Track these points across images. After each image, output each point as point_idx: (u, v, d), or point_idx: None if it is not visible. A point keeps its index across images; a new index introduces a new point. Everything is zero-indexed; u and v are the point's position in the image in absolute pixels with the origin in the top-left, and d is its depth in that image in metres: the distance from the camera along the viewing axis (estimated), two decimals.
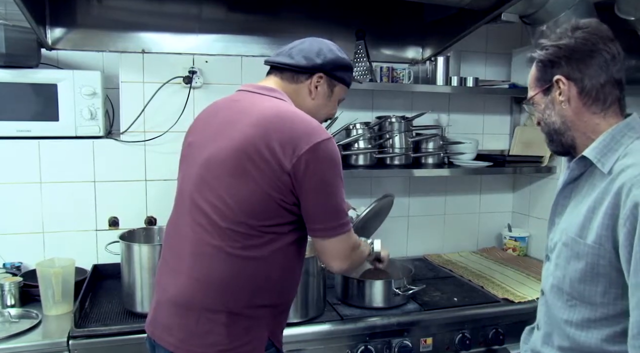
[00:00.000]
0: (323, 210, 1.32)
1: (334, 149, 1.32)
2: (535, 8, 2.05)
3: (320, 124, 1.40)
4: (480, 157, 2.55)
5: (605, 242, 1.13)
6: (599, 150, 1.19)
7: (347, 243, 1.38)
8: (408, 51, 2.58)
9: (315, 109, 1.49)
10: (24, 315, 1.78)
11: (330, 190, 1.31)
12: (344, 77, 1.51)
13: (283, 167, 1.26)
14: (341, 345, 1.79)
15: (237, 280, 1.30)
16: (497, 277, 2.29)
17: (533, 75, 1.29)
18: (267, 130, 1.27)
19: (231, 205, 1.28)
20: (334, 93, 1.52)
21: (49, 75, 2.00)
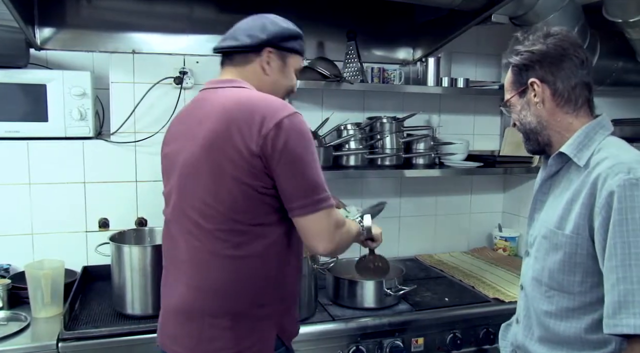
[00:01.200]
0: (297, 186, 1.27)
1: (300, 123, 1.28)
2: (524, 10, 2.07)
3: (283, 99, 1.42)
4: (471, 158, 2.56)
5: (582, 231, 1.21)
6: (574, 146, 1.28)
7: (329, 220, 1.30)
8: (399, 52, 2.59)
9: (274, 85, 1.45)
10: (12, 318, 1.76)
11: (301, 164, 1.27)
12: (294, 46, 1.46)
13: (251, 151, 1.24)
14: (333, 346, 1.79)
15: (235, 281, 1.29)
16: (488, 277, 2.30)
17: (509, 79, 1.38)
18: (229, 121, 1.27)
19: (214, 206, 1.27)
20: (288, 64, 1.46)
21: (38, 75, 1.98)
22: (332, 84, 2.11)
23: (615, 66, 2.46)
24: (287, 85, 1.49)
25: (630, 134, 2.54)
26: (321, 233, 1.30)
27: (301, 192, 1.27)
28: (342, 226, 1.37)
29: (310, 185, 1.28)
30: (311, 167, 1.28)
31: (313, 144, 1.31)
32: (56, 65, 2.12)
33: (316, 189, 1.28)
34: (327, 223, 1.30)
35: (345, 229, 1.38)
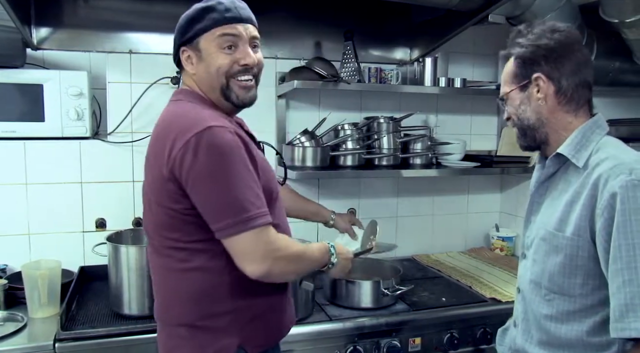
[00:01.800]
0: (213, 207, 1.19)
1: (212, 138, 1.17)
2: (521, 10, 2.07)
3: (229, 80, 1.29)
4: (468, 158, 2.56)
5: (583, 233, 1.19)
6: (572, 147, 1.26)
7: (257, 241, 1.19)
8: (396, 52, 2.59)
9: (205, 77, 1.31)
10: (9, 318, 1.76)
11: (215, 183, 1.17)
12: (197, 27, 1.28)
13: (163, 175, 1.20)
14: (330, 346, 1.79)
15: (180, 293, 1.29)
16: (485, 277, 2.31)
17: (510, 72, 1.34)
18: (153, 145, 1.27)
19: (152, 225, 1.31)
20: (202, 49, 1.29)
21: (35, 75, 1.98)
22: (329, 83, 2.11)
23: (612, 66, 2.46)
24: (217, 68, 1.29)
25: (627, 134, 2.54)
26: (247, 256, 1.20)
27: (219, 213, 1.18)
28: (282, 249, 1.25)
29: (230, 204, 1.18)
30: (228, 184, 1.18)
31: (233, 158, 1.19)
32: (53, 65, 2.11)
33: (238, 207, 1.18)
34: (253, 245, 1.20)
35: (287, 254, 1.27)
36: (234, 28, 1.29)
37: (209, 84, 1.32)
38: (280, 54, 2.37)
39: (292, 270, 1.33)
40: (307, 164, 2.21)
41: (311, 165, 2.21)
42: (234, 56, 1.30)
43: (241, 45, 1.30)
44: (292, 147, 2.24)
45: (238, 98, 1.34)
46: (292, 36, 2.39)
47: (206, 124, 1.18)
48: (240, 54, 1.30)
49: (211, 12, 1.28)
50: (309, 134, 2.27)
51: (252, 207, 1.19)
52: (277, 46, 2.37)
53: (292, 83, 2.07)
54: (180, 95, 1.35)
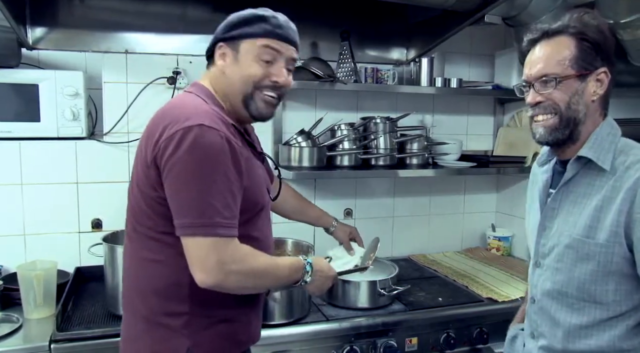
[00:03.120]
0: (182, 202, 1.17)
1: (204, 137, 1.15)
2: (517, 10, 2.07)
3: (253, 93, 1.30)
4: (464, 158, 2.56)
5: (619, 239, 1.14)
6: (595, 149, 1.20)
7: (213, 251, 1.16)
8: (392, 52, 2.59)
9: (233, 80, 1.30)
10: (4, 319, 1.75)
11: (191, 180, 1.15)
12: (245, 31, 1.29)
13: (147, 160, 1.21)
14: (326, 346, 1.79)
15: (142, 284, 1.29)
16: (482, 277, 2.31)
17: (570, 53, 1.17)
18: (147, 130, 1.27)
19: (130, 210, 1.31)
20: (242, 52, 1.29)
21: (30, 75, 1.97)
22: (325, 84, 2.11)
23: None
24: (248, 76, 1.29)
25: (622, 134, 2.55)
26: (198, 262, 1.17)
27: (183, 210, 1.17)
28: (239, 263, 1.20)
29: (194, 205, 1.16)
30: (201, 185, 1.15)
31: (214, 161, 1.17)
32: (48, 65, 2.11)
33: (200, 210, 1.15)
34: (205, 253, 1.16)
35: (245, 268, 1.22)
36: (279, 44, 1.30)
37: (233, 87, 1.31)
38: None
39: (251, 286, 1.28)
40: (303, 164, 2.21)
41: (308, 165, 2.21)
42: (268, 70, 1.30)
43: (278, 63, 1.32)
44: (289, 147, 2.24)
45: (257, 110, 1.33)
46: None
47: (198, 121, 1.17)
48: (275, 70, 1.31)
49: (264, 22, 1.30)
50: (305, 134, 2.27)
51: (217, 215, 1.16)
52: None
53: None
54: (192, 88, 1.35)
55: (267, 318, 1.76)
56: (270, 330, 1.74)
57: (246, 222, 1.28)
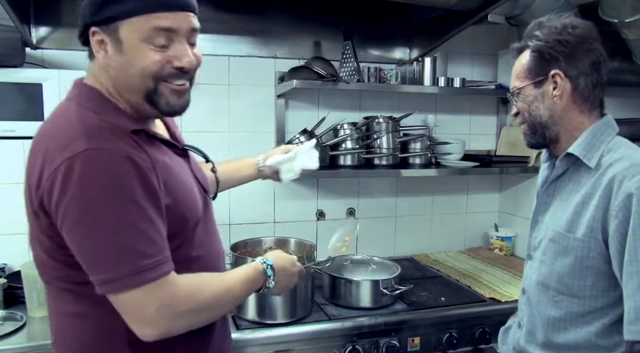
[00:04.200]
0: (93, 255, 0.94)
1: (90, 164, 0.92)
2: (520, 10, 2.07)
3: (157, 83, 1.02)
4: (467, 158, 2.56)
5: (595, 234, 1.17)
6: (583, 147, 1.24)
7: (150, 298, 0.95)
8: (395, 52, 2.59)
9: (127, 75, 1.01)
10: (8, 317, 1.76)
11: (95, 225, 0.92)
12: (123, 7, 0.97)
13: (34, 207, 0.98)
14: (329, 345, 1.79)
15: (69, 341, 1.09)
16: (484, 277, 2.31)
17: (525, 66, 1.27)
18: (28, 164, 1.02)
19: (35, 259, 1.07)
20: (124, 39, 0.98)
21: (34, 74, 1.97)
22: (328, 83, 2.11)
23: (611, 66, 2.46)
24: (143, 69, 1.00)
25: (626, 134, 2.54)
26: (134, 318, 0.97)
27: (98, 264, 0.94)
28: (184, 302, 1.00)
29: (110, 255, 0.93)
30: (110, 228, 0.92)
31: (121, 190, 0.93)
32: (52, 65, 2.11)
33: (120, 260, 0.93)
34: (142, 304, 0.95)
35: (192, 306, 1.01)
36: (172, 18, 0.99)
37: (127, 84, 1.02)
38: (279, 54, 2.37)
39: (204, 320, 1.08)
40: None
41: None
42: (166, 54, 1.01)
43: (177, 42, 1.02)
44: None
45: (168, 105, 1.07)
46: (291, 36, 2.39)
47: (83, 146, 0.92)
48: (175, 52, 1.02)
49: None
50: (308, 133, 2.27)
51: (139, 258, 0.94)
52: (276, 46, 2.37)
53: (291, 82, 2.07)
54: (73, 94, 1.07)
55: (269, 317, 1.77)
56: (273, 329, 1.74)
57: (180, 245, 1.06)
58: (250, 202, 2.39)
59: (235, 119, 2.35)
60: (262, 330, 1.73)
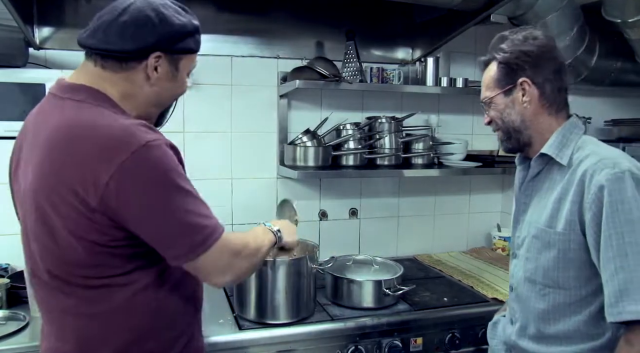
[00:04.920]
0: (172, 233, 1.06)
1: (154, 156, 1.03)
2: (523, 10, 2.07)
3: (170, 105, 1.26)
4: (470, 158, 2.56)
5: (574, 227, 1.25)
6: (555, 147, 1.33)
7: (221, 254, 1.13)
8: (398, 52, 2.59)
9: (160, 94, 1.19)
10: (11, 317, 1.76)
11: (167, 208, 1.05)
12: (189, 45, 1.18)
13: (89, 206, 1.02)
14: (331, 345, 1.79)
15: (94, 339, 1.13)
16: (487, 277, 2.30)
17: (493, 77, 1.38)
18: (57, 161, 1.04)
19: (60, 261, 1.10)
20: (180, 69, 1.19)
21: (37, 74, 1.98)
22: (331, 83, 2.11)
23: (614, 66, 2.46)
24: (178, 93, 1.24)
25: (629, 134, 2.54)
26: (214, 270, 1.15)
27: (178, 239, 1.07)
28: (242, 250, 1.21)
29: (185, 229, 1.07)
30: (180, 206, 1.06)
31: (177, 175, 1.06)
32: (55, 65, 2.11)
33: (193, 229, 1.08)
34: (217, 257, 1.13)
35: (247, 252, 1.23)
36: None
37: (155, 101, 1.19)
38: (282, 54, 2.37)
39: (256, 264, 1.31)
40: (308, 163, 2.22)
41: (313, 165, 2.21)
42: (186, 86, 1.27)
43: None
44: (294, 146, 2.25)
45: (166, 118, 1.34)
46: (293, 36, 2.39)
47: (142, 140, 1.02)
48: (187, 84, 1.27)
49: (198, 34, 1.22)
50: (310, 133, 2.28)
51: (208, 221, 1.11)
52: (278, 46, 2.37)
53: (294, 83, 2.07)
54: (87, 97, 1.11)
55: (272, 317, 1.77)
56: (275, 329, 1.74)
57: None
58: (252, 202, 2.39)
59: (237, 119, 2.35)
60: (265, 330, 1.73)
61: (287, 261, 1.76)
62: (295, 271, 1.77)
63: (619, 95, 2.85)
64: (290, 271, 1.76)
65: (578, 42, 2.27)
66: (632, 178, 1.17)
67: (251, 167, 2.39)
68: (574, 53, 2.29)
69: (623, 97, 2.87)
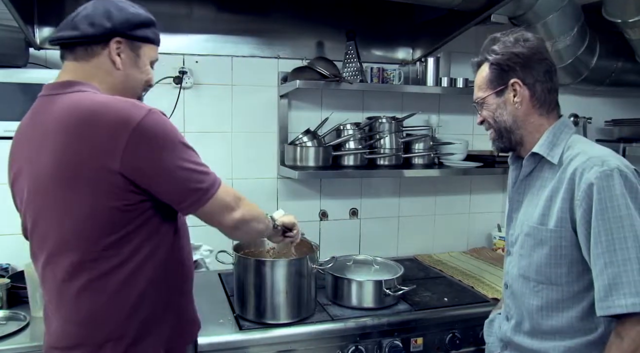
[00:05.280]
0: (183, 186, 1.20)
1: (157, 121, 1.17)
2: (524, 10, 2.07)
3: (141, 95, 1.35)
4: (470, 158, 2.56)
5: (565, 224, 1.28)
6: (546, 146, 1.36)
7: (226, 195, 1.28)
8: (398, 52, 2.59)
9: (128, 80, 1.30)
10: (11, 317, 1.76)
11: (178, 163, 1.18)
12: (147, 34, 1.31)
13: (109, 168, 1.13)
14: (332, 346, 1.79)
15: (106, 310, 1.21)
16: (487, 277, 2.30)
17: (485, 77, 1.41)
18: (74, 138, 1.14)
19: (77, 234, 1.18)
20: (142, 56, 1.31)
21: (38, 75, 1.98)
22: (331, 83, 2.11)
23: (615, 66, 2.46)
24: (143, 80, 1.34)
25: (630, 134, 2.54)
26: (224, 209, 1.28)
27: (189, 190, 1.21)
28: (242, 198, 1.35)
29: (193, 179, 1.21)
30: (187, 160, 1.21)
31: (177, 134, 1.21)
32: (55, 65, 2.11)
33: (200, 179, 1.22)
34: (224, 198, 1.28)
35: (246, 201, 1.37)
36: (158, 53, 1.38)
37: (125, 87, 1.30)
38: (282, 54, 2.37)
39: (256, 215, 1.42)
40: (309, 163, 2.22)
41: (313, 165, 2.21)
42: (152, 75, 1.38)
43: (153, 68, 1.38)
44: (294, 146, 2.25)
45: None
46: (294, 36, 2.39)
47: (145, 108, 1.17)
48: (152, 75, 1.38)
49: (155, 28, 1.35)
50: (311, 133, 2.28)
51: (208, 170, 1.26)
52: (279, 46, 2.37)
53: (294, 83, 2.07)
54: (86, 87, 1.23)
55: (272, 317, 1.77)
56: (276, 329, 1.74)
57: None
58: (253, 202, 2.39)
59: (238, 119, 2.35)
60: (265, 331, 1.73)
61: (287, 261, 1.77)
62: (295, 271, 1.77)
63: (619, 96, 2.85)
64: (291, 271, 1.76)
65: (579, 42, 2.27)
66: (621, 175, 1.20)
67: (251, 167, 2.39)
68: (575, 53, 2.30)
69: (623, 97, 2.87)
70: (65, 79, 1.25)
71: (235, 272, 1.82)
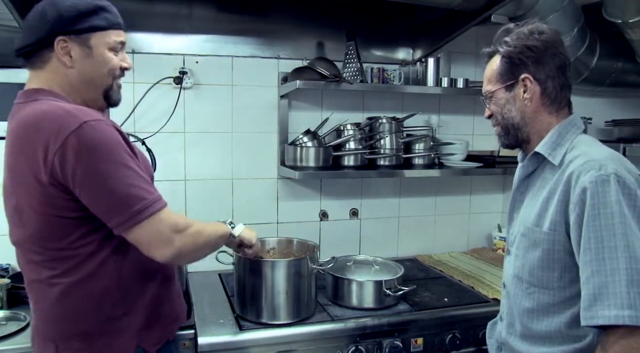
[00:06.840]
0: (109, 204, 1.17)
1: (90, 134, 1.14)
2: (524, 10, 2.07)
3: (112, 83, 1.32)
4: (471, 158, 2.56)
5: (559, 227, 1.24)
6: (549, 146, 1.31)
7: (161, 224, 1.21)
8: (399, 52, 2.59)
9: (87, 76, 1.28)
10: (11, 318, 1.76)
11: (106, 180, 1.15)
12: (93, 23, 1.25)
13: (42, 181, 1.15)
14: (332, 346, 1.79)
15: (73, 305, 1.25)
16: (487, 277, 2.30)
17: (496, 70, 1.35)
18: (19, 149, 1.19)
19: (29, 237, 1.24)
20: (94, 46, 1.26)
21: None
22: (331, 84, 2.11)
23: (615, 67, 2.46)
24: (107, 70, 1.30)
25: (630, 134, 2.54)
26: (154, 242, 1.21)
27: (117, 207, 1.17)
28: (185, 229, 1.27)
29: (124, 198, 1.17)
30: (119, 178, 1.17)
31: (116, 150, 1.18)
32: None
33: (132, 200, 1.18)
34: (157, 229, 1.21)
35: (191, 231, 1.28)
36: (123, 35, 1.33)
37: (90, 82, 1.29)
38: (282, 54, 2.37)
39: (201, 245, 1.34)
40: (309, 164, 2.22)
41: (313, 165, 2.21)
42: (118, 59, 1.32)
43: (122, 51, 1.35)
44: (295, 147, 2.25)
45: (116, 98, 1.36)
46: (294, 36, 2.39)
47: (80, 120, 1.14)
48: (122, 57, 1.34)
49: (106, 12, 1.28)
50: (311, 134, 2.28)
51: (147, 194, 1.20)
52: (279, 46, 2.37)
53: (294, 83, 2.07)
54: (46, 96, 1.25)
55: (272, 317, 1.77)
56: (276, 329, 1.74)
57: None
58: (253, 203, 2.40)
59: (238, 119, 2.35)
60: (265, 331, 1.73)
61: (288, 261, 1.77)
62: (295, 271, 1.77)
63: (619, 96, 2.84)
64: (291, 271, 1.76)
65: (579, 42, 2.27)
66: (618, 181, 1.14)
67: (252, 168, 2.39)
68: (575, 53, 2.30)
69: (623, 98, 2.87)
70: (29, 87, 1.28)
71: (236, 272, 1.83)
